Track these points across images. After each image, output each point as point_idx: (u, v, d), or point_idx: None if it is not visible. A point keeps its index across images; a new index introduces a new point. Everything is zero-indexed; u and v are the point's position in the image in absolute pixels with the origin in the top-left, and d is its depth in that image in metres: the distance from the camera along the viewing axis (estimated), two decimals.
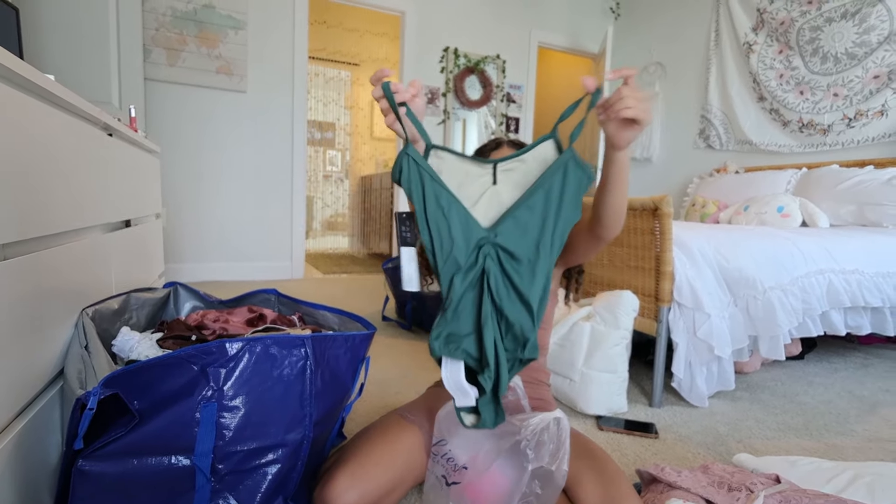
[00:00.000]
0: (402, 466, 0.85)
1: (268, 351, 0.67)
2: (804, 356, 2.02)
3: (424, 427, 0.94)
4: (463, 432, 0.79)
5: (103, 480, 0.61)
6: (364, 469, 0.80)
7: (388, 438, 0.88)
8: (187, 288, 1.26)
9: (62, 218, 0.83)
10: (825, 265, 1.71)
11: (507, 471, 0.72)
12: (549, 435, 0.72)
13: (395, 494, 0.85)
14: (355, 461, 0.81)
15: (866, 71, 2.62)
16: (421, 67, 3.77)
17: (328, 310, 1.06)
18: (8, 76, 0.64)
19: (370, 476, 0.79)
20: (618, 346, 1.36)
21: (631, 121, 0.70)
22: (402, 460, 0.85)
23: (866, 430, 1.36)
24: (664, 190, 3.83)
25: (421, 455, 0.90)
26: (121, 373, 0.60)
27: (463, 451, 0.76)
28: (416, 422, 0.94)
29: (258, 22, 3.19)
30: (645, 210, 1.44)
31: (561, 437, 0.72)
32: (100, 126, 1.11)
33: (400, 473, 0.84)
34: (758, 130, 3.17)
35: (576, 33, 4.31)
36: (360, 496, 0.76)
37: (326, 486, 0.77)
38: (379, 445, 0.86)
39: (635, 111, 0.68)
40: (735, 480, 0.87)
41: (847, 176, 2.47)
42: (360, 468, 0.79)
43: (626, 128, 0.71)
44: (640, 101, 0.68)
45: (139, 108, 2.64)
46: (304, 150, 3.42)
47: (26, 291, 0.68)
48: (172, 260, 3.10)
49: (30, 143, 0.70)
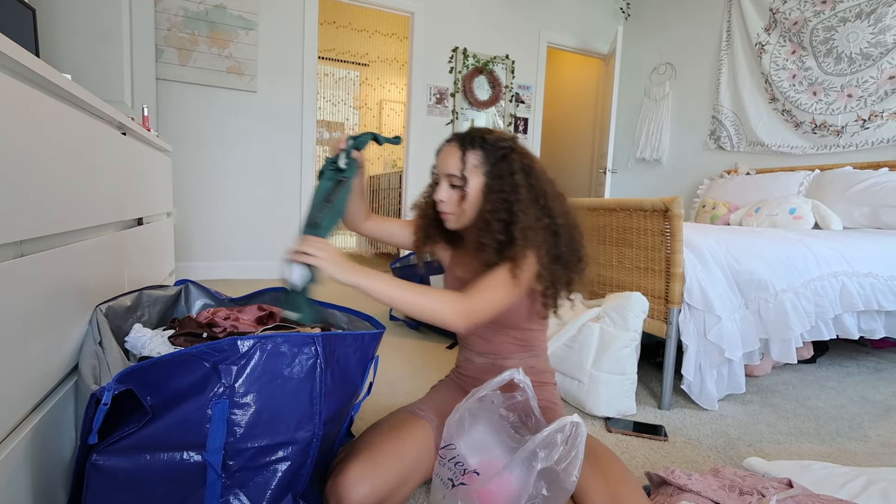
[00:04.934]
0: (413, 460, 0.86)
1: (279, 349, 0.68)
2: (816, 360, 2.00)
3: (434, 423, 0.95)
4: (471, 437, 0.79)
5: (116, 475, 0.62)
6: (376, 462, 0.80)
7: (399, 433, 0.89)
8: (198, 286, 1.27)
9: (77, 215, 0.84)
10: (838, 268, 1.69)
11: (517, 473, 0.72)
12: (562, 437, 0.71)
13: (406, 488, 0.85)
14: (367, 454, 0.82)
15: (881, 72, 2.58)
16: (430, 68, 3.78)
17: (337, 308, 1.07)
18: (27, 75, 0.65)
19: (382, 469, 0.80)
20: (627, 348, 1.35)
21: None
22: (413, 454, 0.86)
23: (880, 435, 1.34)
24: (674, 191, 3.80)
25: (430, 450, 0.90)
26: (135, 369, 0.61)
27: (472, 455, 0.76)
28: (427, 417, 0.95)
29: (269, 22, 3.21)
30: (655, 211, 1.43)
31: (575, 442, 0.71)
32: (114, 125, 1.12)
33: (410, 467, 0.85)
34: (769, 131, 3.13)
35: (585, 34, 4.29)
36: (372, 488, 0.77)
37: (339, 478, 0.78)
38: (390, 439, 0.87)
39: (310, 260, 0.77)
40: (746, 484, 0.86)
41: (861, 178, 2.44)
42: (372, 460, 0.80)
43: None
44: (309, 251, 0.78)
45: (151, 107, 2.67)
46: (313, 150, 3.43)
47: (42, 287, 0.69)
48: (183, 258, 3.12)
49: (47, 141, 0.71)
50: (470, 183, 0.91)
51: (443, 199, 0.93)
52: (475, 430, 0.78)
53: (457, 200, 0.93)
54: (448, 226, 0.98)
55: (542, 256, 0.88)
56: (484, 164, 0.91)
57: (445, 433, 0.79)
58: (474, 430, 0.78)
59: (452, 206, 0.94)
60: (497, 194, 0.88)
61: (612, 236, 1.64)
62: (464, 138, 0.93)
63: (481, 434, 0.78)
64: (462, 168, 0.90)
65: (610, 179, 3.91)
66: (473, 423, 0.79)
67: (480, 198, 0.91)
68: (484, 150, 0.91)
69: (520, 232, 0.86)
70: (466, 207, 0.92)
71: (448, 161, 0.92)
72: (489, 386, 0.80)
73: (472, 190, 0.91)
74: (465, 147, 0.91)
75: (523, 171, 0.90)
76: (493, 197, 0.89)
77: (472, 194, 0.91)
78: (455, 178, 0.91)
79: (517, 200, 0.87)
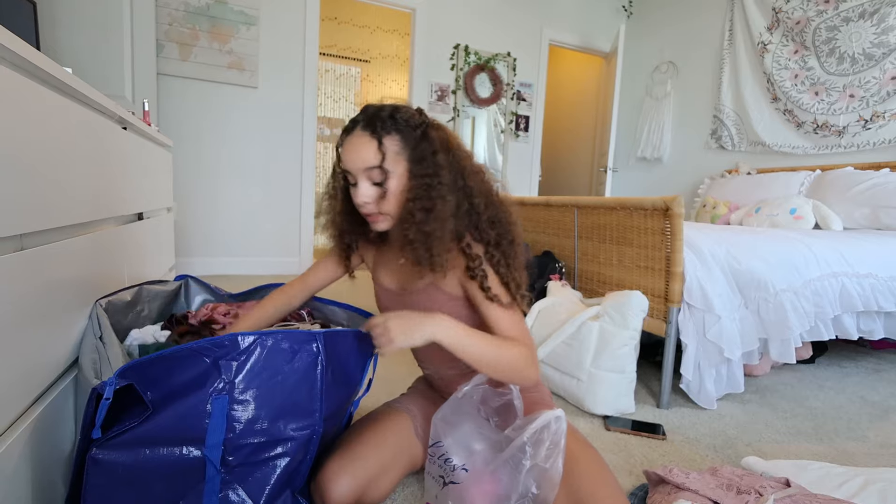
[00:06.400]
0: (392, 448, 0.87)
1: (279, 345, 0.68)
2: (815, 360, 2.00)
3: (412, 411, 0.96)
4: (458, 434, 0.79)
5: (116, 469, 0.62)
6: (353, 453, 0.82)
7: (375, 425, 0.90)
8: (198, 281, 1.27)
9: (78, 209, 0.84)
10: (838, 268, 1.69)
11: (506, 471, 0.72)
12: (548, 433, 0.72)
13: (388, 477, 0.86)
14: (344, 448, 0.83)
15: (884, 72, 2.57)
16: (431, 64, 3.77)
17: (337, 305, 1.07)
18: (28, 69, 0.65)
19: (360, 459, 0.81)
20: (626, 347, 1.36)
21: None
22: (391, 443, 0.88)
23: (878, 435, 1.35)
24: (675, 190, 3.80)
25: (410, 437, 0.91)
26: (136, 364, 0.61)
27: (459, 452, 0.77)
28: (403, 407, 0.97)
29: (270, 17, 3.20)
30: (656, 210, 1.43)
31: (557, 435, 0.72)
32: (115, 119, 1.12)
33: (390, 455, 0.86)
34: (771, 131, 3.13)
35: (587, 32, 4.28)
36: (351, 478, 0.79)
37: (319, 473, 0.79)
38: (367, 432, 0.88)
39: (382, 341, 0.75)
40: (744, 483, 0.86)
41: (862, 178, 2.43)
42: (350, 452, 0.82)
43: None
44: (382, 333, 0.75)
45: (152, 102, 2.67)
46: (313, 146, 3.43)
47: (42, 281, 0.69)
48: (182, 254, 3.12)
49: (47, 136, 0.71)
50: (393, 174, 0.78)
51: (367, 199, 0.79)
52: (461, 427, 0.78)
53: (379, 198, 0.79)
54: (378, 228, 0.83)
55: (487, 250, 0.80)
56: (405, 150, 0.78)
57: (433, 431, 0.80)
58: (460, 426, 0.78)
59: (378, 204, 0.80)
60: (419, 179, 0.77)
61: (613, 235, 1.64)
62: (373, 123, 0.77)
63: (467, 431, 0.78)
64: (381, 159, 0.76)
65: (611, 178, 3.91)
66: (459, 420, 0.79)
67: (403, 187, 0.78)
68: (401, 132, 0.78)
69: (435, 222, 0.76)
70: (392, 201, 0.79)
71: (361, 154, 0.77)
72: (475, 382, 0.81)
73: (395, 181, 0.78)
74: (379, 133, 0.76)
75: (443, 148, 0.80)
76: (414, 183, 0.77)
77: (395, 186, 0.78)
78: (375, 171, 0.77)
79: (438, 184, 0.76)
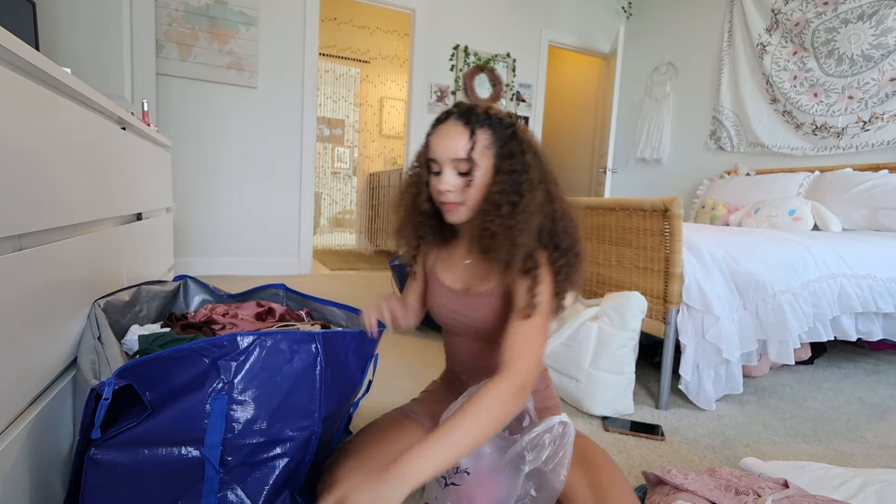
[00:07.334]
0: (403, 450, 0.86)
1: (278, 346, 0.68)
2: (813, 361, 2.00)
3: (426, 425, 0.94)
4: None
5: (115, 469, 0.62)
6: (364, 464, 0.80)
7: (388, 435, 0.89)
8: (197, 281, 1.27)
9: (77, 210, 0.84)
10: (837, 270, 1.69)
11: (505, 475, 0.72)
12: (550, 437, 0.71)
13: None
14: (356, 456, 0.82)
15: (882, 74, 2.58)
16: (431, 65, 3.77)
17: (336, 306, 1.07)
18: (27, 69, 0.65)
19: (371, 459, 0.80)
20: (625, 348, 1.36)
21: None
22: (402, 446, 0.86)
23: (876, 437, 1.35)
24: (673, 191, 3.80)
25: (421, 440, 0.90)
26: (135, 364, 0.61)
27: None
28: (417, 419, 0.95)
29: (269, 18, 3.20)
30: (655, 211, 1.43)
31: (563, 442, 0.71)
32: (114, 119, 1.12)
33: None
34: (770, 132, 3.13)
35: (587, 33, 4.28)
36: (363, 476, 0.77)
37: (328, 479, 0.78)
38: (379, 441, 0.87)
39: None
40: (742, 484, 0.87)
41: (861, 180, 2.44)
42: (361, 462, 0.80)
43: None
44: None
45: (151, 102, 2.66)
46: (312, 147, 3.43)
47: (41, 281, 0.69)
48: (181, 254, 3.12)
49: (46, 136, 0.71)
50: (480, 166, 0.81)
51: (450, 187, 0.81)
52: None
53: (463, 188, 0.82)
54: (453, 219, 0.86)
55: (553, 255, 0.81)
56: (494, 145, 0.81)
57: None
58: None
59: (459, 194, 0.82)
60: (507, 174, 0.80)
61: (612, 236, 1.64)
62: (467, 115, 0.81)
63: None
64: (470, 149, 0.79)
65: (610, 179, 3.91)
66: None
67: (488, 181, 0.81)
68: (493, 128, 0.81)
69: (522, 214, 0.78)
70: (473, 194, 0.81)
71: (451, 142, 0.80)
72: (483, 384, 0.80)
73: (480, 173, 0.81)
74: (473, 126, 0.80)
75: (531, 150, 0.83)
76: (501, 178, 0.80)
77: (480, 179, 0.81)
78: (462, 162, 0.80)
79: (527, 180, 0.79)
